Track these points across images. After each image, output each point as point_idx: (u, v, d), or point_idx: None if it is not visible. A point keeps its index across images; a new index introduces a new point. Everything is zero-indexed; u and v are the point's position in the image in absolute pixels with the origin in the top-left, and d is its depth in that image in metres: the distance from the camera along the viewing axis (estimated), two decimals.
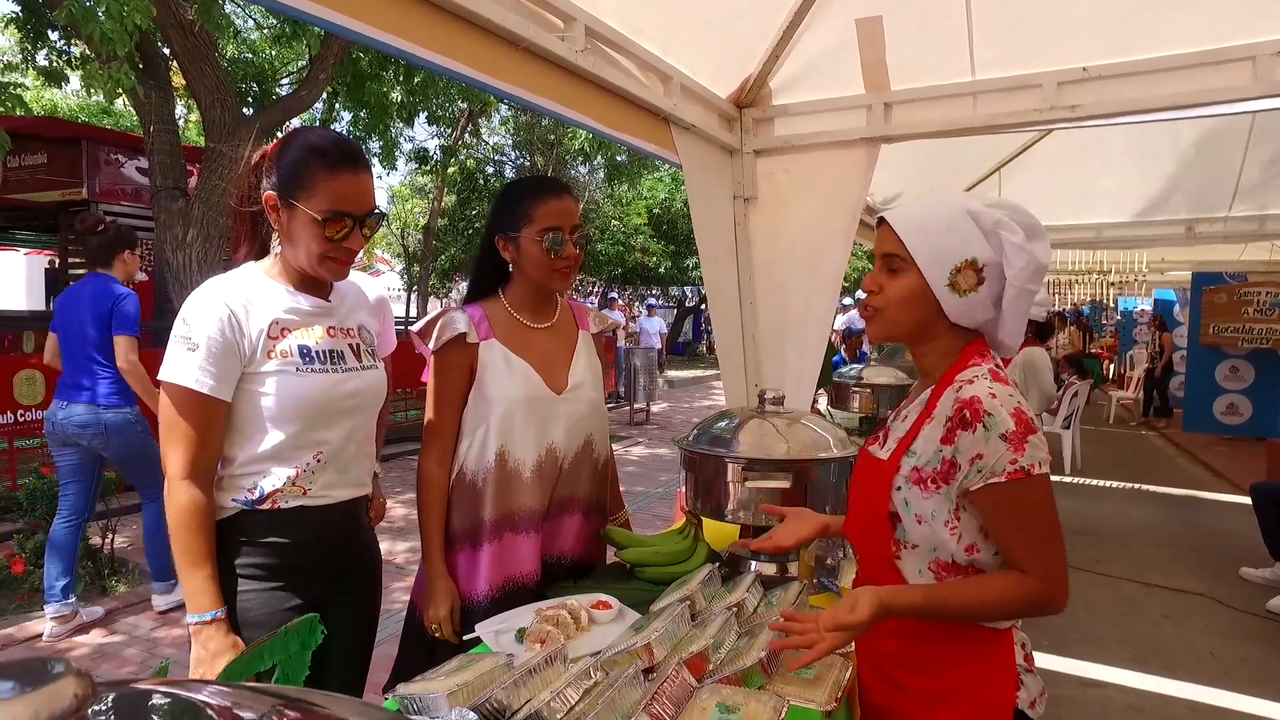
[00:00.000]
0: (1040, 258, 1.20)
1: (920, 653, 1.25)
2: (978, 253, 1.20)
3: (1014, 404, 1.15)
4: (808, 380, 3.14)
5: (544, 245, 1.72)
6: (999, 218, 1.21)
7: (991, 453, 1.14)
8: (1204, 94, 2.43)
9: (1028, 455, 1.13)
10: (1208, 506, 6.92)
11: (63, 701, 0.37)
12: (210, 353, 1.38)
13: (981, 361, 1.22)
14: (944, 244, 1.21)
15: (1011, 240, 1.19)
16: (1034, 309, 4.98)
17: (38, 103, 15.17)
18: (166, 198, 6.74)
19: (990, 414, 1.14)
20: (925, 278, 1.22)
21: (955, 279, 1.20)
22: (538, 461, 1.77)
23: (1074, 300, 11.86)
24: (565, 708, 1.14)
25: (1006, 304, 1.21)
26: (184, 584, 1.39)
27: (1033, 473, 1.13)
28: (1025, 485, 1.13)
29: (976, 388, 1.16)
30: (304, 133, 1.48)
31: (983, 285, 1.20)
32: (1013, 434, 1.13)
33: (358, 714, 0.63)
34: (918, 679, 1.25)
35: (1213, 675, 3.60)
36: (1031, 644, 1.32)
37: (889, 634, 1.28)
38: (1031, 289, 1.19)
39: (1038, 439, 1.14)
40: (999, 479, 1.13)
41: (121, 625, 4.01)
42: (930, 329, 1.27)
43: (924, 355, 1.30)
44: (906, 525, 1.24)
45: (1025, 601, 1.17)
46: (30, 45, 7.61)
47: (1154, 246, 7.62)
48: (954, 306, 1.22)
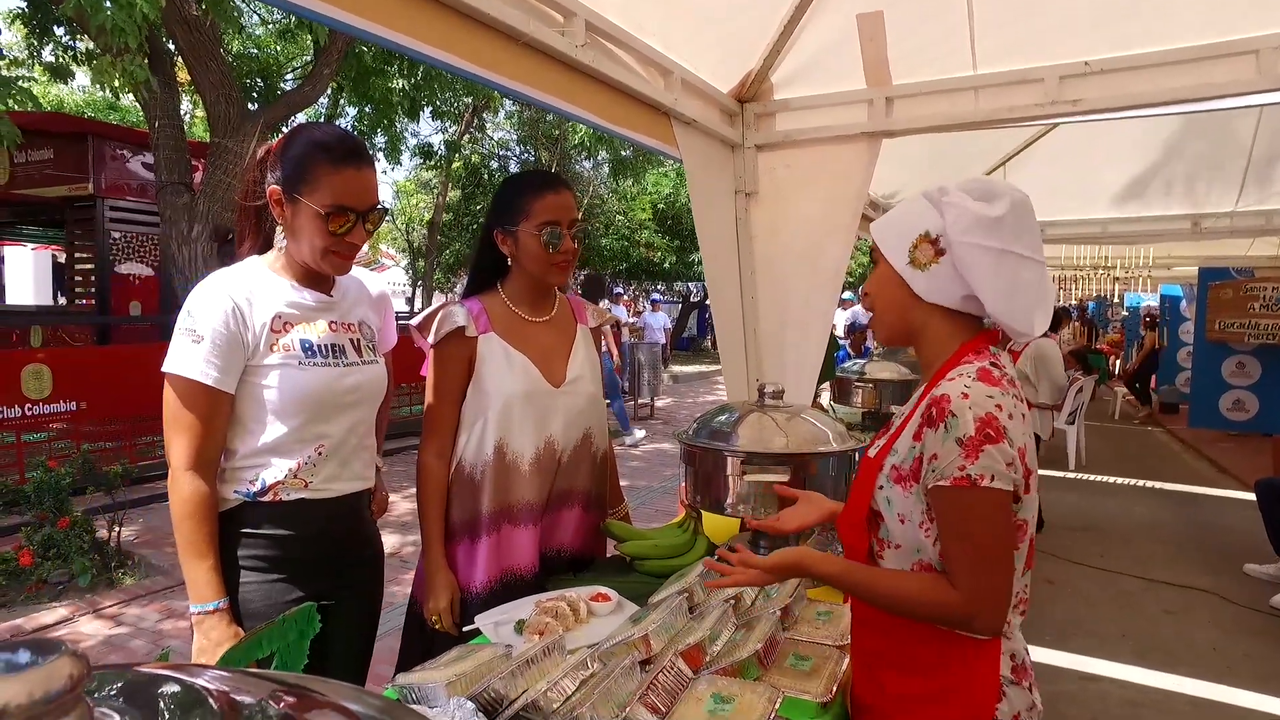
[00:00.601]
0: (979, 210, 1.14)
1: (900, 653, 1.22)
2: (929, 224, 1.19)
3: (987, 409, 1.09)
4: (809, 375, 3.14)
5: (541, 240, 1.73)
6: (945, 186, 1.20)
7: (944, 454, 1.09)
8: (1207, 88, 2.42)
9: (979, 464, 1.07)
10: (1212, 502, 6.90)
11: (58, 681, 0.38)
12: (215, 345, 1.39)
13: (975, 359, 1.18)
14: (900, 227, 1.23)
15: (951, 201, 1.17)
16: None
17: (44, 98, 15.23)
18: (172, 193, 6.77)
19: (954, 414, 1.09)
20: (891, 262, 1.23)
21: (914, 255, 1.20)
22: (536, 454, 1.78)
23: (1079, 295, 11.81)
24: (561, 698, 1.15)
25: (963, 266, 1.16)
26: (187, 574, 1.40)
27: (980, 484, 1.07)
28: (969, 495, 1.08)
29: (952, 385, 1.12)
30: (308, 128, 1.49)
31: (943, 256, 1.18)
32: (969, 439, 1.07)
33: (353, 699, 0.64)
34: (897, 679, 1.22)
35: (1215, 671, 3.59)
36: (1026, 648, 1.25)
37: (875, 631, 1.27)
38: (980, 240, 1.14)
39: (998, 451, 1.07)
40: (944, 482, 1.09)
41: (128, 617, 4.05)
42: (915, 318, 1.24)
43: (921, 349, 1.27)
44: (889, 524, 1.21)
45: (941, 612, 1.12)
46: (36, 41, 7.64)
47: (1160, 241, 7.59)
48: (920, 283, 1.20)
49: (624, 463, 8.13)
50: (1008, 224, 1.15)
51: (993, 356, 1.19)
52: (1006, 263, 1.14)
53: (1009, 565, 1.11)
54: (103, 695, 0.48)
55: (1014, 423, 1.11)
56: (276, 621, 1.11)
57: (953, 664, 1.17)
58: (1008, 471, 1.08)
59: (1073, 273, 9.49)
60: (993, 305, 1.17)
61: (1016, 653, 1.20)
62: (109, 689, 0.49)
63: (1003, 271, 1.15)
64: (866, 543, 1.26)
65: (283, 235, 1.50)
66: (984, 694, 1.16)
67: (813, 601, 1.68)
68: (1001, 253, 1.14)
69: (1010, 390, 1.14)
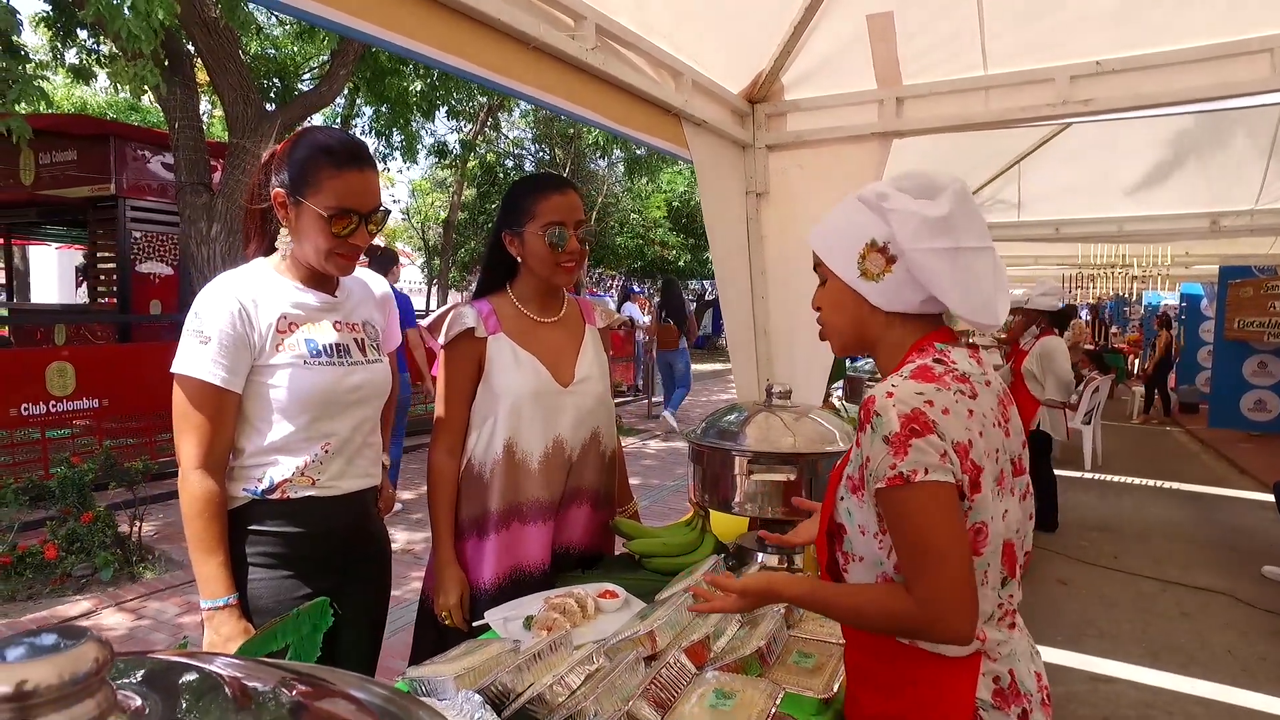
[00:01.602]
0: (927, 211, 1.10)
1: (873, 670, 1.18)
2: (874, 233, 1.14)
3: (913, 404, 1.04)
4: (819, 375, 3.15)
5: (546, 240, 1.75)
6: (882, 190, 1.15)
7: (875, 455, 1.06)
8: (1221, 87, 2.40)
9: (909, 460, 1.02)
10: (1231, 504, 6.83)
11: (84, 664, 0.41)
12: (222, 345, 1.42)
13: (918, 357, 1.14)
14: (843, 238, 1.18)
15: (893, 207, 1.12)
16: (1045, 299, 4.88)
17: (68, 100, 15.47)
18: (191, 193, 6.87)
19: (878, 414, 1.06)
20: (840, 276, 1.19)
21: (864, 266, 1.16)
22: (545, 453, 1.80)
23: (1096, 294, 11.69)
24: (567, 692, 1.18)
25: (920, 272, 1.11)
26: (197, 570, 1.44)
27: (913, 479, 1.02)
28: (905, 493, 1.03)
29: (879, 387, 1.09)
30: (312, 132, 1.53)
31: (895, 263, 1.13)
32: (894, 436, 1.03)
33: (364, 689, 0.67)
34: (870, 696, 1.19)
35: (1230, 673, 3.57)
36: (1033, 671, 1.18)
37: (853, 647, 1.24)
38: (934, 245, 1.10)
39: (926, 443, 1.02)
40: (880, 484, 1.05)
41: (149, 610, 4.12)
42: (871, 325, 1.20)
43: (878, 357, 1.24)
44: (851, 537, 1.15)
45: (899, 622, 1.07)
46: (60, 44, 7.77)
47: (1178, 240, 7.49)
48: (875, 294, 1.16)
49: (637, 461, 8.15)
50: (955, 220, 1.10)
51: (938, 353, 1.15)
52: (961, 260, 1.10)
53: (962, 562, 1.03)
54: (125, 679, 0.51)
55: (948, 418, 1.05)
56: (290, 615, 1.15)
57: (919, 683, 1.12)
58: (942, 463, 1.03)
59: (1089, 271, 9.38)
60: (956, 305, 1.12)
61: (1001, 676, 1.11)
62: (131, 674, 0.52)
63: (959, 270, 1.10)
64: (834, 557, 1.21)
65: (287, 237, 1.53)
66: (954, 717, 1.10)
67: None
68: (955, 251, 1.10)
69: (954, 385, 1.09)
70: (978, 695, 1.10)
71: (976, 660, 1.10)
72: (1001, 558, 1.12)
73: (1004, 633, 1.13)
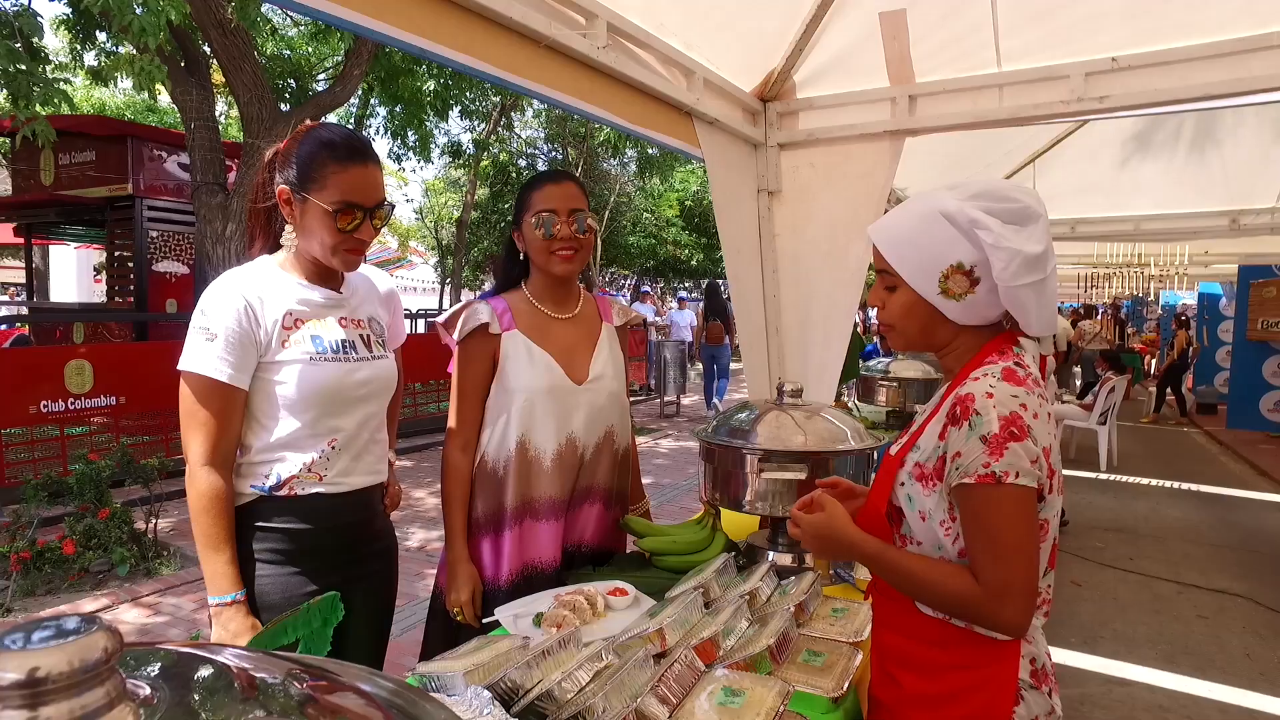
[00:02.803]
0: (1027, 248, 1.13)
1: (917, 653, 1.22)
2: (962, 256, 1.16)
3: (1011, 408, 1.09)
4: (831, 373, 3.14)
5: (538, 228, 1.76)
6: (974, 215, 1.15)
7: (968, 452, 1.10)
8: (1239, 83, 2.37)
9: (1004, 461, 1.07)
10: (1250, 506, 6.75)
11: (94, 652, 0.42)
12: (228, 342, 1.43)
13: (999, 359, 1.17)
14: (925, 254, 1.19)
15: (988, 241, 1.13)
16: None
17: (87, 101, 15.63)
18: (207, 193, 6.93)
19: (979, 413, 1.10)
20: (916, 290, 1.20)
21: (945, 285, 1.17)
22: (558, 451, 1.81)
23: (1113, 294, 11.58)
24: (575, 688, 1.18)
25: (1008, 301, 1.16)
26: (205, 567, 1.45)
27: (1004, 480, 1.07)
28: (994, 492, 1.08)
29: (977, 385, 1.12)
30: (314, 129, 1.53)
31: (978, 285, 1.16)
32: (993, 437, 1.08)
33: (372, 682, 0.67)
34: (913, 678, 1.22)
35: (1248, 677, 3.53)
36: (1048, 652, 1.24)
37: (895, 631, 1.27)
38: (1029, 280, 1.13)
39: (1022, 448, 1.08)
40: (969, 479, 1.09)
41: (165, 606, 4.17)
42: (942, 333, 1.23)
43: (944, 356, 1.27)
44: (910, 521, 1.21)
45: (964, 605, 1.12)
46: (80, 46, 7.87)
47: (1196, 239, 7.41)
48: (954, 311, 1.19)
49: (649, 460, 8.16)
50: (1047, 253, 1.15)
51: (1016, 356, 1.18)
52: (1047, 288, 1.16)
53: (1034, 562, 1.10)
54: (135, 669, 0.51)
55: (1038, 422, 1.11)
56: (301, 609, 1.15)
57: (971, 666, 1.17)
58: (1032, 469, 1.08)
59: (1105, 270, 9.29)
60: (1036, 329, 1.18)
61: (1037, 657, 1.18)
62: (140, 664, 0.53)
63: (1044, 297, 1.17)
64: (889, 538, 1.26)
65: (292, 234, 1.54)
66: (1001, 697, 1.15)
67: (828, 599, 1.69)
68: (1044, 282, 1.15)
69: (1035, 390, 1.13)
70: (1019, 675, 1.15)
71: (1018, 643, 1.16)
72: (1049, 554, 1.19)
73: (1039, 619, 1.20)
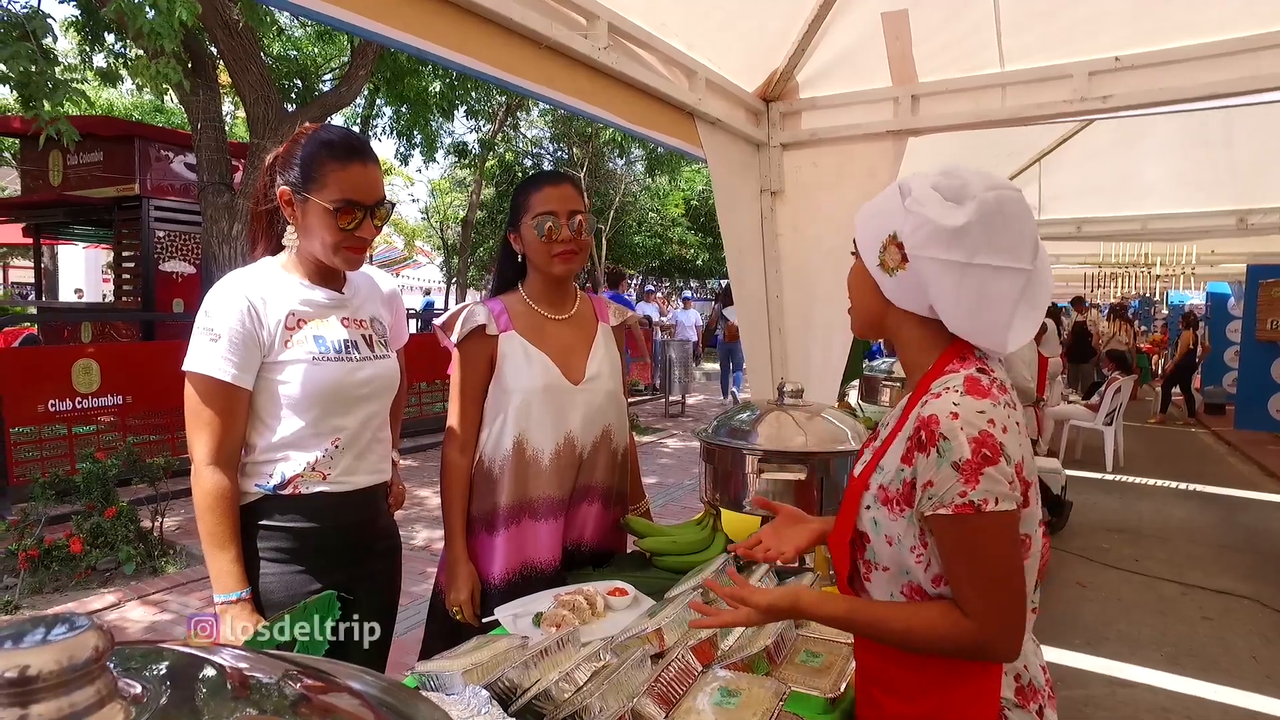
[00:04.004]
0: (942, 220, 1.03)
1: (896, 674, 1.15)
2: (897, 226, 1.09)
3: (978, 427, 1.00)
4: (833, 373, 3.14)
5: (538, 230, 1.77)
6: (913, 184, 1.09)
7: (941, 481, 1.01)
8: (1244, 82, 2.36)
9: (981, 489, 0.99)
10: (1258, 507, 6.71)
11: (84, 651, 0.43)
12: (232, 343, 1.45)
13: (960, 366, 1.08)
14: (874, 223, 1.14)
15: (911, 207, 1.07)
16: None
17: (96, 102, 15.72)
18: (213, 193, 6.96)
19: (945, 437, 1.01)
20: (863, 259, 1.16)
21: (883, 256, 1.11)
22: (556, 450, 1.81)
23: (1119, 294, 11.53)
24: (573, 688, 1.18)
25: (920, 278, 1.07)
26: (210, 565, 1.46)
27: (984, 509, 0.99)
28: (974, 522, 1.00)
29: (939, 404, 1.03)
30: (313, 130, 1.55)
31: (908, 264, 1.08)
32: (966, 463, 0.99)
33: (366, 682, 0.68)
34: (890, 699, 1.16)
35: (1253, 679, 3.51)
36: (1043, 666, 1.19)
37: (870, 651, 1.20)
38: (940, 255, 1.04)
39: (998, 471, 1.00)
40: (945, 510, 1.01)
41: (171, 604, 4.19)
42: (888, 320, 1.17)
43: (901, 351, 1.19)
44: (876, 546, 1.13)
45: (956, 643, 1.04)
46: (89, 48, 7.91)
47: (1203, 238, 7.37)
48: (889, 287, 1.12)
49: (653, 459, 8.16)
50: (972, 233, 1.03)
51: (979, 361, 1.10)
52: (971, 277, 1.04)
53: (1021, 586, 1.05)
54: (128, 668, 0.52)
55: (1009, 436, 1.02)
56: (298, 608, 1.16)
57: (948, 687, 1.11)
58: (1010, 491, 1.01)
59: (1110, 270, 9.25)
60: (955, 323, 1.08)
61: (1021, 674, 1.13)
62: (133, 662, 0.54)
63: (966, 287, 1.04)
64: (856, 566, 1.19)
65: (294, 235, 1.55)
66: (982, 718, 1.10)
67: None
68: (964, 266, 1.03)
69: (1001, 398, 1.05)
70: (1003, 695, 1.11)
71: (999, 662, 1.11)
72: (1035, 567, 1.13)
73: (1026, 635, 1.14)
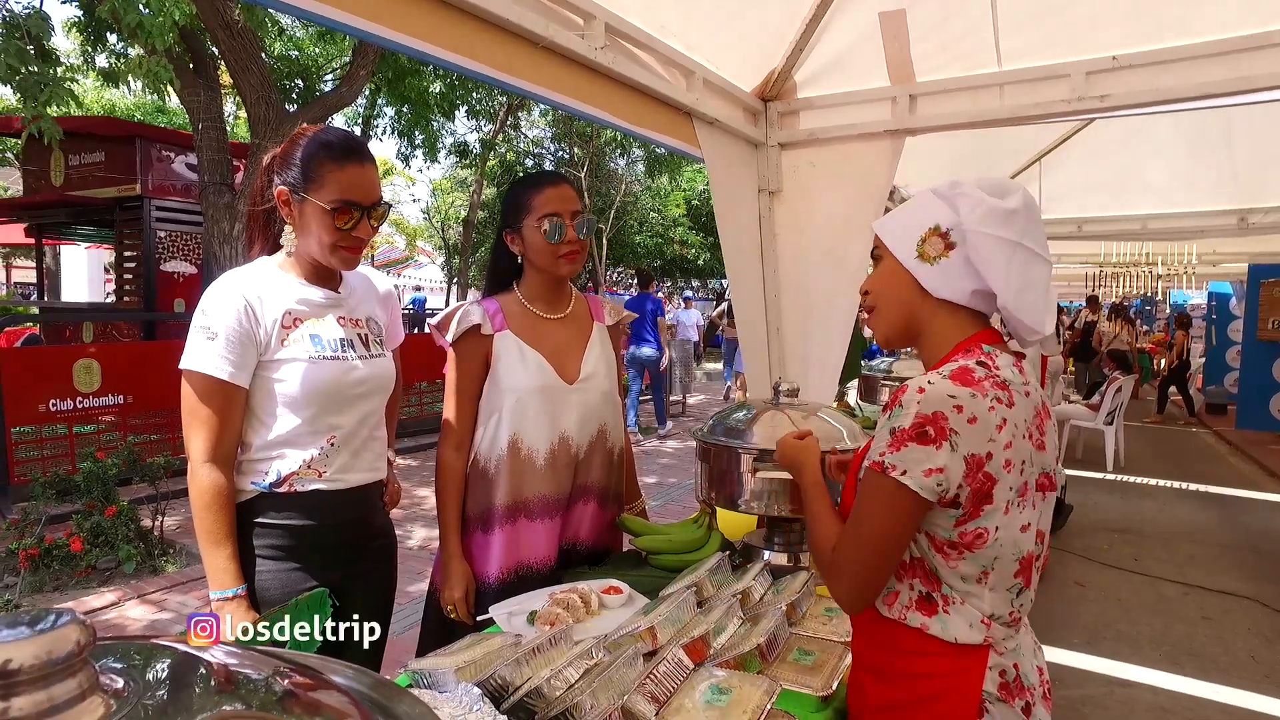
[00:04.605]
0: (994, 203, 1.14)
1: (879, 660, 1.21)
2: (939, 218, 1.18)
3: (937, 407, 1.06)
4: (831, 373, 3.14)
5: (543, 232, 1.77)
6: (957, 181, 1.19)
7: (878, 439, 1.11)
8: (1241, 82, 2.36)
9: (897, 456, 1.06)
10: (1259, 507, 6.70)
11: (66, 645, 0.43)
12: (228, 341, 1.46)
13: (964, 358, 1.14)
14: (908, 221, 1.22)
15: (961, 191, 1.17)
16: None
17: (98, 103, 15.76)
18: (214, 193, 6.97)
19: (902, 405, 1.09)
20: (896, 256, 1.22)
21: (922, 248, 1.19)
22: (551, 450, 1.82)
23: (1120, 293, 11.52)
24: (564, 685, 1.19)
25: (975, 256, 1.15)
26: (206, 562, 1.47)
27: (889, 473, 1.06)
28: (875, 481, 1.09)
29: (919, 379, 1.11)
30: (310, 131, 1.56)
31: (953, 250, 1.16)
32: (901, 431, 1.07)
33: (355, 680, 0.68)
34: (876, 686, 1.20)
35: (1252, 679, 3.51)
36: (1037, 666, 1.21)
37: (862, 638, 1.26)
38: (998, 232, 1.13)
39: (924, 452, 1.05)
40: (867, 463, 1.12)
41: (170, 603, 4.20)
42: (921, 315, 1.22)
43: (923, 348, 1.25)
44: None
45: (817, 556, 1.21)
46: (91, 48, 7.93)
47: (1204, 238, 7.35)
48: (928, 277, 1.18)
49: (654, 459, 8.16)
50: (1021, 217, 1.14)
51: (983, 355, 1.15)
52: (1020, 256, 1.13)
53: (877, 557, 1.12)
54: (110, 662, 0.52)
55: (974, 427, 1.06)
56: (290, 605, 1.17)
57: (932, 675, 1.14)
58: (924, 476, 1.05)
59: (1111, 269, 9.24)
60: (1006, 298, 1.15)
61: (1007, 669, 1.15)
62: (117, 657, 0.54)
63: (1016, 264, 1.14)
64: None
65: (291, 235, 1.56)
66: (963, 708, 1.12)
67: (821, 598, 1.69)
68: (1016, 245, 1.13)
69: (991, 392, 1.09)
70: (984, 688, 1.12)
71: (985, 653, 1.13)
72: (1017, 571, 1.14)
73: (1009, 630, 1.16)
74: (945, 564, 1.12)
